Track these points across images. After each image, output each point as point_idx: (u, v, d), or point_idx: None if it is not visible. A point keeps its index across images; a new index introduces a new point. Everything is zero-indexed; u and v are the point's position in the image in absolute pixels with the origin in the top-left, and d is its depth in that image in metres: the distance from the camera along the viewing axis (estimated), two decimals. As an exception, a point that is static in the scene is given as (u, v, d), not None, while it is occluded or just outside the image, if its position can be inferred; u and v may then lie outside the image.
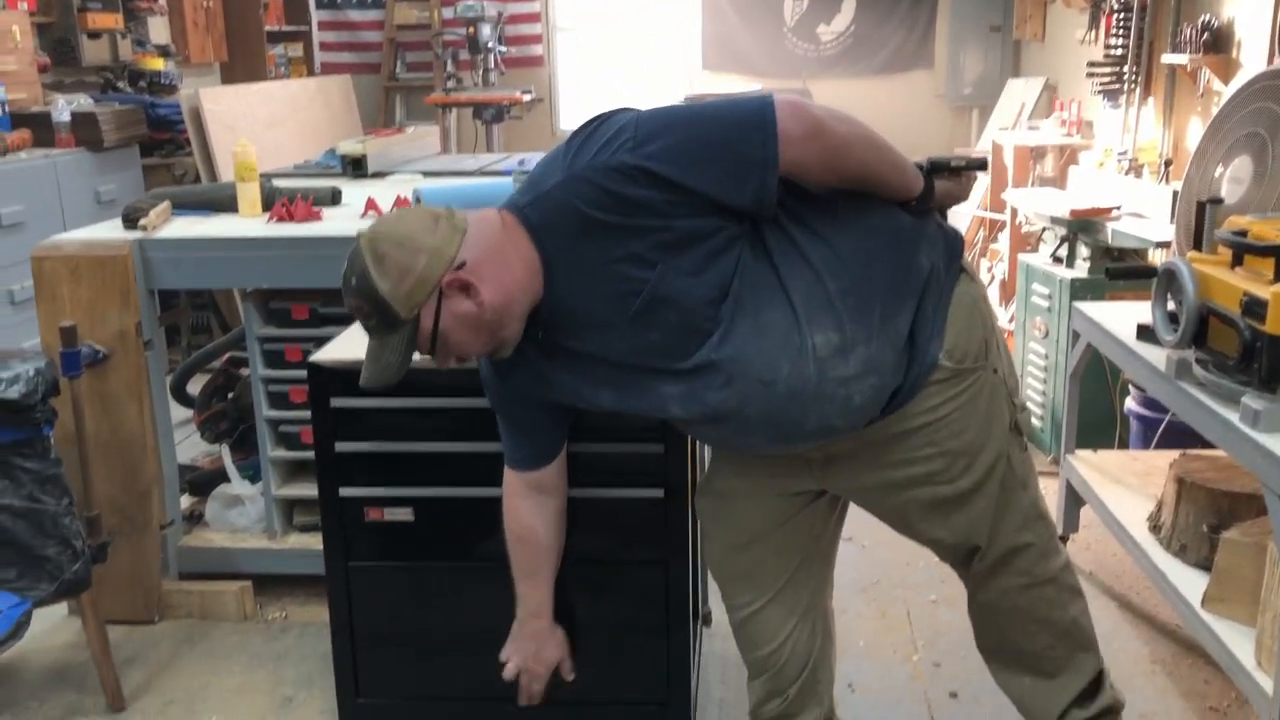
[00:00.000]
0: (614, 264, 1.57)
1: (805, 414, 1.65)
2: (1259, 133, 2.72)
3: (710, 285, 1.58)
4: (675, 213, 1.54)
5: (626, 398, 1.71)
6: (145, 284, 2.82)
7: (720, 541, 1.96)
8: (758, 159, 1.53)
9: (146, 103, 5.32)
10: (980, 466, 1.78)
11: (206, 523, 3.16)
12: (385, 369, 1.64)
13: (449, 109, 6.71)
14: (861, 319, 1.63)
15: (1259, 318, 2.04)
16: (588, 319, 1.63)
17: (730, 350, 1.61)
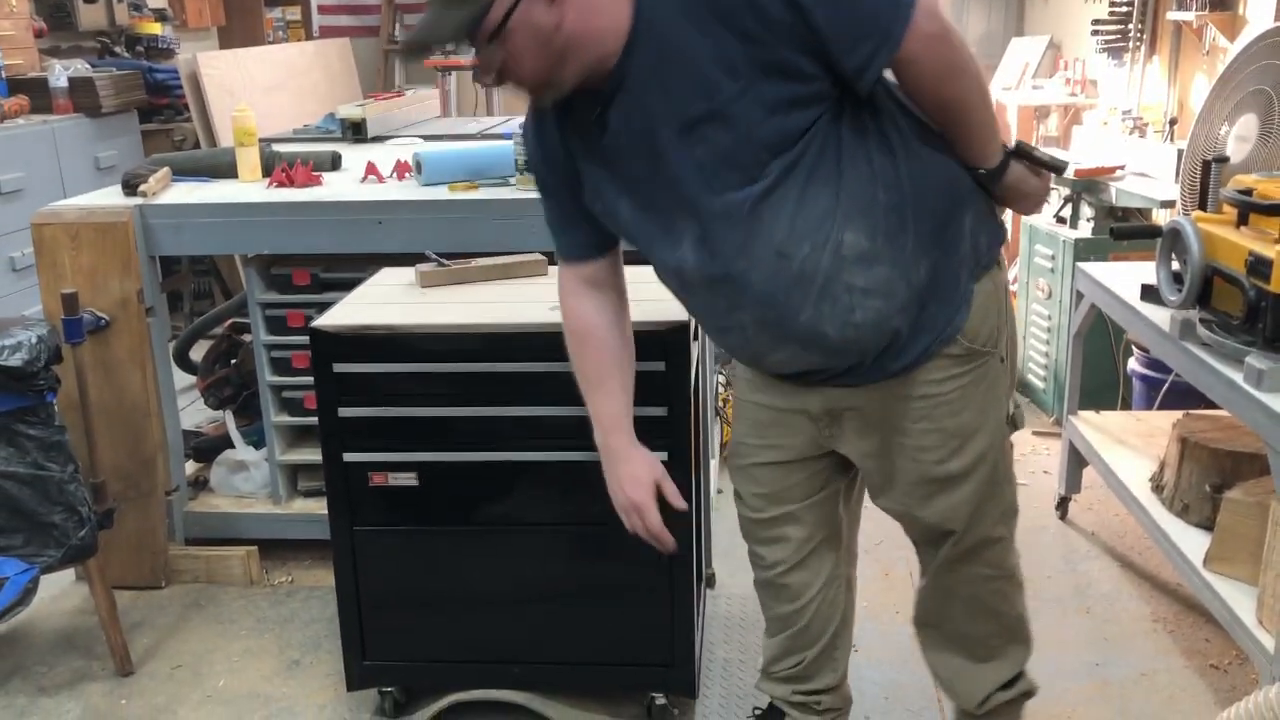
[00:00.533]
0: (701, 59, 1.49)
1: (803, 305, 1.60)
2: (1265, 90, 2.69)
3: (778, 131, 1.52)
4: (786, 38, 1.47)
5: (642, 217, 1.65)
6: (146, 250, 2.82)
7: (749, 507, 1.94)
8: (881, 30, 1.48)
9: (144, 68, 5.28)
10: (971, 452, 1.76)
11: (212, 488, 3.17)
12: (440, 29, 1.54)
13: (449, 72, 6.66)
14: (894, 240, 1.59)
15: (1264, 277, 2.03)
16: (646, 109, 1.55)
17: (765, 209, 1.55)
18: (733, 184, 1.55)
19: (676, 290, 1.76)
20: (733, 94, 1.49)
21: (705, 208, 1.58)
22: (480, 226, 2.72)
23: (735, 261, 1.59)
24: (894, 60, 1.51)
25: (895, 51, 1.49)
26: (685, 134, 1.54)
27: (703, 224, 1.59)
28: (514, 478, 2.14)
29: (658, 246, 1.67)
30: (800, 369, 1.73)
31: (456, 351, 2.09)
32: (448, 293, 2.30)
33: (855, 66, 1.50)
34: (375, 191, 2.88)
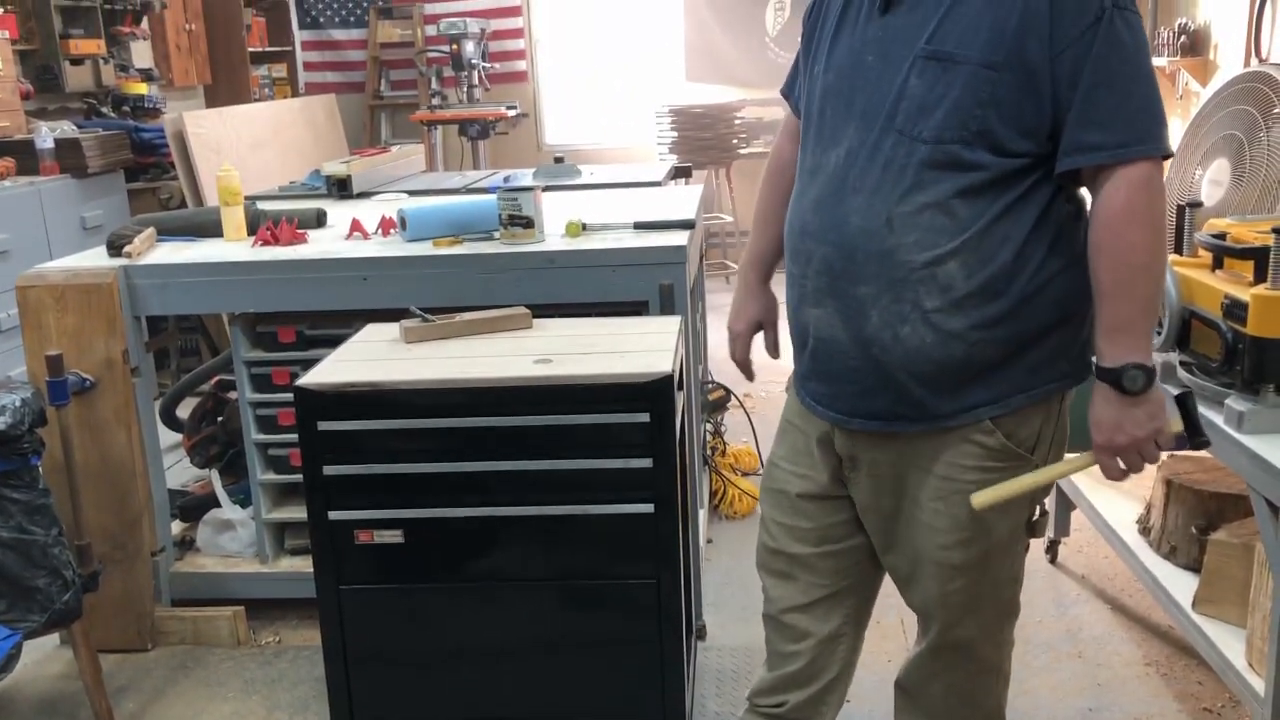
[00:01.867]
0: (994, 13, 1.48)
1: (870, 281, 1.57)
2: (1236, 135, 2.74)
3: (984, 126, 1.50)
4: (1055, 60, 1.47)
5: (833, 98, 1.63)
6: (131, 310, 2.82)
7: (768, 533, 1.89)
8: (1126, 132, 1.47)
9: (130, 127, 5.32)
10: (977, 548, 1.69)
11: (198, 548, 3.15)
12: None
13: (434, 126, 6.72)
14: (986, 301, 1.55)
15: (1240, 320, 2.05)
16: (922, 15, 1.54)
17: (911, 175, 1.53)
18: (914, 132, 1.53)
19: (797, 188, 1.73)
20: (982, 61, 1.48)
21: (876, 134, 1.57)
22: (465, 281, 2.74)
23: (855, 198, 1.58)
24: (1105, 175, 1.49)
25: (1122, 164, 1.48)
26: (925, 60, 1.53)
27: (862, 145, 1.58)
28: (501, 533, 2.14)
29: (818, 132, 1.67)
30: (823, 336, 1.67)
31: (441, 407, 2.09)
32: (432, 348, 2.31)
33: (1078, 143, 1.49)
34: (360, 248, 2.90)
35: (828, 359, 1.68)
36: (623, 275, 2.70)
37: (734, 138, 6.96)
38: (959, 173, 1.53)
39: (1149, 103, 1.49)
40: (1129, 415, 1.53)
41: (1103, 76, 1.46)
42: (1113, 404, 1.53)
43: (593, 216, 2.98)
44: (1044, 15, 1.47)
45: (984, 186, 1.53)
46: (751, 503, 3.65)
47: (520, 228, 2.81)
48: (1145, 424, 1.53)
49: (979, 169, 1.52)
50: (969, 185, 1.53)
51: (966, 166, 1.52)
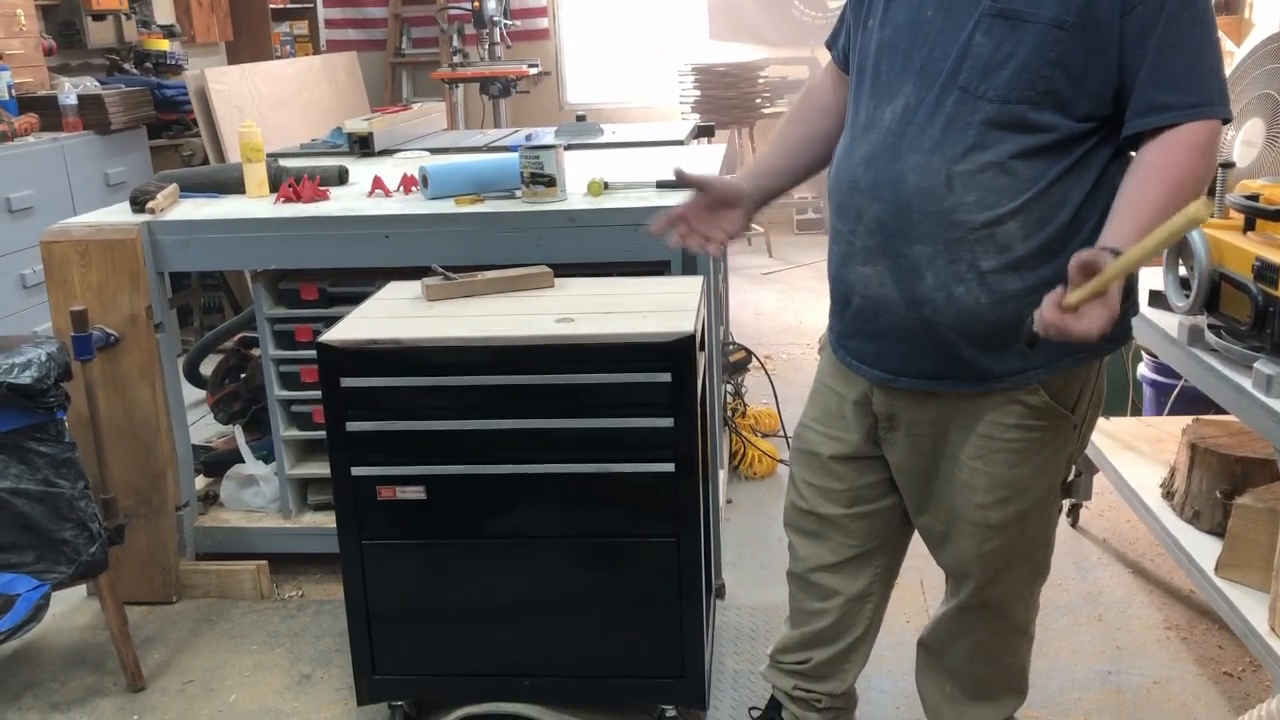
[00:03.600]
0: None
1: (925, 239, 1.55)
2: (1271, 94, 2.68)
3: (1055, 89, 1.49)
4: (1124, 19, 1.46)
5: (889, 52, 1.60)
6: (155, 266, 2.83)
7: (798, 493, 1.90)
8: (1194, 93, 1.46)
9: (153, 84, 5.31)
10: (1014, 508, 1.70)
11: (222, 503, 3.18)
12: None
13: (456, 84, 6.69)
14: (1040, 262, 1.53)
15: (1271, 282, 2.03)
16: None
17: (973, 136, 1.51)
18: (979, 91, 1.51)
19: (845, 143, 1.69)
20: (1052, 20, 1.46)
21: (937, 91, 1.54)
22: (486, 239, 2.73)
23: (912, 155, 1.56)
24: (1171, 133, 1.47)
25: (1189, 121, 1.46)
26: (992, 18, 1.50)
27: (921, 103, 1.56)
28: (522, 490, 2.15)
29: (872, 87, 1.63)
30: (870, 294, 1.64)
31: (463, 364, 2.09)
32: (454, 306, 2.31)
33: (1150, 102, 1.47)
34: (382, 206, 2.89)
35: (874, 318, 1.66)
36: (645, 234, 2.67)
37: (757, 97, 6.89)
38: (1023, 134, 1.51)
39: (1217, 65, 1.48)
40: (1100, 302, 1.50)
41: (1174, 36, 1.44)
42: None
43: (615, 175, 2.96)
44: None
45: (1046, 148, 1.52)
46: (771, 464, 3.65)
47: (542, 186, 2.80)
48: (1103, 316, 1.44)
49: (1043, 130, 1.51)
50: (1032, 146, 1.51)
51: (1031, 128, 1.51)
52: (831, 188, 1.73)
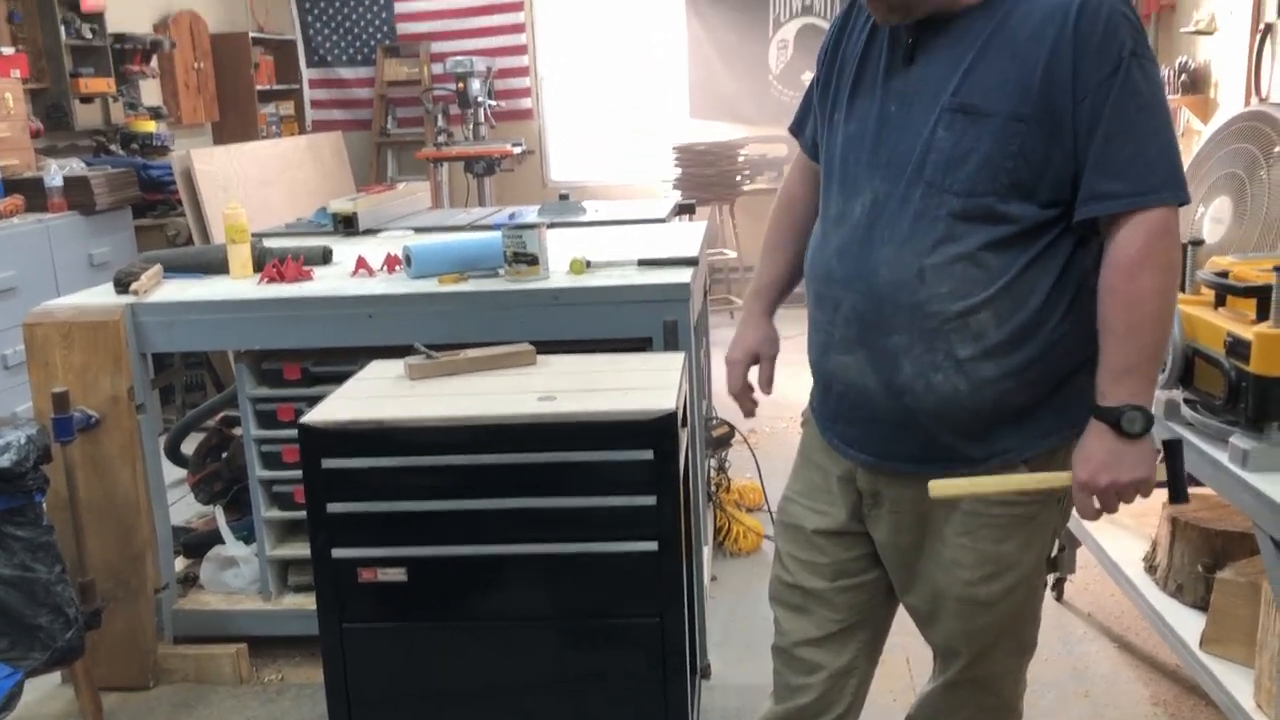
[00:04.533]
0: (1022, 65, 1.50)
1: (902, 330, 1.57)
2: (1237, 173, 2.75)
3: (1014, 178, 1.51)
4: (1076, 110, 1.49)
5: (854, 147, 1.64)
6: (137, 348, 2.83)
7: (783, 567, 1.88)
8: (1143, 181, 1.48)
9: (139, 165, 5.37)
10: (1002, 584, 1.69)
11: (201, 585, 3.14)
12: None
13: (440, 163, 6.77)
14: (1015, 348, 1.56)
15: (1243, 358, 2.05)
16: (949, 67, 1.55)
17: (942, 228, 1.54)
18: (945, 184, 1.54)
19: (819, 234, 1.74)
20: (1010, 113, 1.50)
21: (904, 185, 1.57)
22: (469, 318, 2.75)
23: (883, 248, 1.58)
24: (1121, 221, 1.50)
25: (1139, 210, 1.48)
26: (952, 113, 1.53)
27: (891, 196, 1.58)
28: (504, 571, 2.13)
29: (841, 181, 1.67)
30: (851, 382, 1.67)
31: (445, 444, 2.09)
32: (436, 385, 2.32)
33: (1095, 191, 1.50)
34: (365, 285, 2.92)
35: (857, 405, 1.69)
36: (626, 312, 2.71)
37: (737, 174, 7.00)
38: (990, 225, 1.54)
39: (1166, 151, 1.50)
40: (1119, 457, 1.52)
41: (1120, 125, 1.48)
42: (1106, 443, 1.53)
43: (597, 253, 3.00)
44: (1068, 65, 1.48)
45: (1014, 238, 1.54)
46: (756, 539, 3.64)
47: (525, 264, 2.83)
48: (1132, 469, 1.52)
49: (1010, 221, 1.53)
50: (1000, 237, 1.54)
51: (998, 218, 1.53)
52: (808, 276, 1.77)
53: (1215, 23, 3.90)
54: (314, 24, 7.85)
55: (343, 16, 7.82)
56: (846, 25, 1.75)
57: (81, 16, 5.43)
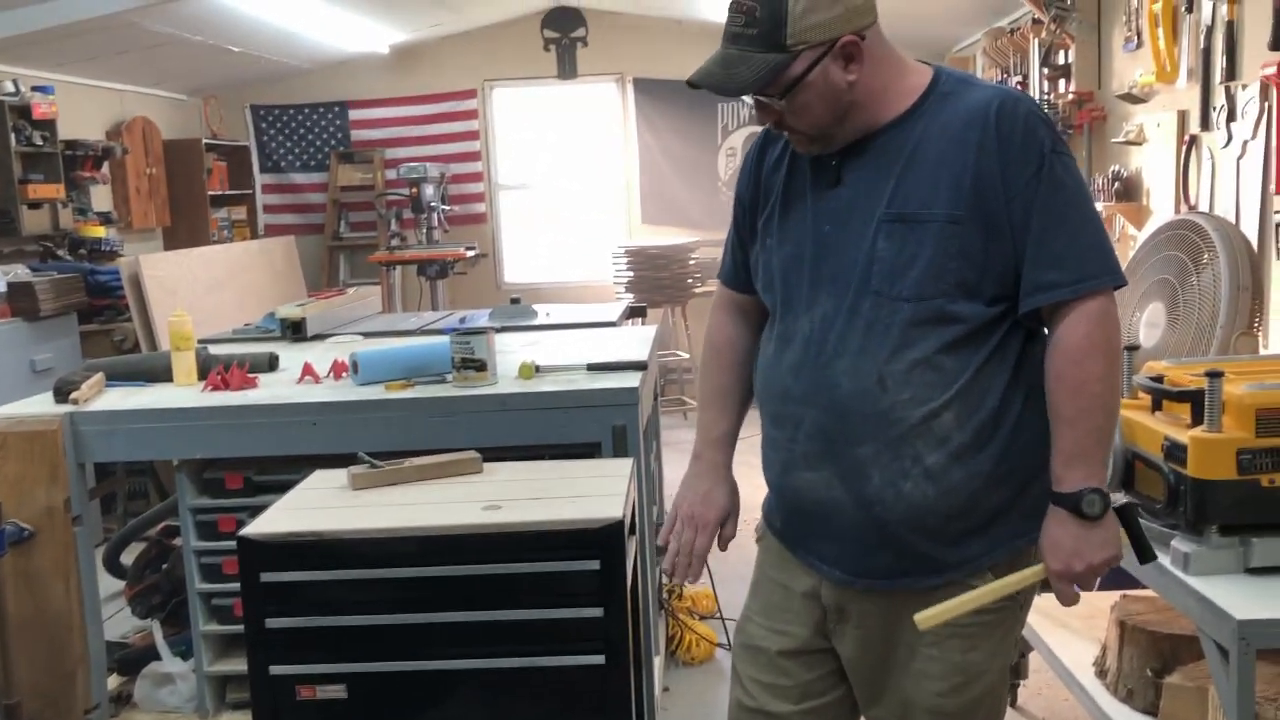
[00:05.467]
0: (949, 169, 1.55)
1: (869, 440, 1.58)
2: (1169, 279, 2.83)
3: (960, 278, 1.55)
4: (1008, 208, 1.53)
5: (795, 269, 1.65)
6: (76, 458, 2.78)
7: (745, 691, 1.83)
8: (1079, 270, 1.53)
9: (86, 270, 5.34)
10: (970, 694, 1.68)
11: (135, 704, 3.04)
12: (732, 79, 1.53)
13: (393, 266, 6.80)
14: (980, 449, 1.59)
15: (1181, 462, 2.08)
16: (876, 182, 1.59)
17: (897, 335, 1.56)
18: (892, 292, 1.57)
19: (768, 356, 1.73)
20: (946, 216, 1.54)
21: (852, 297, 1.59)
22: (416, 425, 2.73)
23: (840, 360, 1.60)
24: (1064, 309, 1.55)
25: (1079, 298, 1.53)
26: (886, 223, 1.57)
27: (838, 310, 1.60)
28: (447, 687, 2.08)
29: (784, 307, 1.68)
30: (818, 499, 1.66)
31: (387, 556, 2.05)
32: (380, 494, 2.28)
33: (1036, 282, 1.55)
34: (310, 392, 2.89)
35: (826, 520, 1.68)
36: (575, 417, 2.71)
37: (689, 277, 7.10)
38: (943, 326, 1.57)
39: (1097, 238, 1.56)
40: (1086, 540, 1.55)
41: (1051, 219, 1.53)
42: (1070, 529, 1.55)
43: (546, 358, 3.01)
44: (995, 167, 1.54)
45: (967, 338, 1.57)
46: (709, 648, 3.59)
47: (473, 370, 2.82)
48: (1101, 549, 1.56)
49: (960, 321, 1.57)
50: (954, 338, 1.57)
51: (949, 320, 1.57)
52: (762, 398, 1.76)
53: (1144, 134, 4.05)
54: (268, 131, 7.92)
55: (296, 124, 7.91)
56: (763, 154, 1.78)
57: (32, 124, 5.44)
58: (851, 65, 1.55)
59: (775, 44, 1.51)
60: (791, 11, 1.49)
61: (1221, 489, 2.03)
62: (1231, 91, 3.37)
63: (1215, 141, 3.49)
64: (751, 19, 1.52)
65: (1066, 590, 1.59)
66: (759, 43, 1.52)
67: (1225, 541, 2.06)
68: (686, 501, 1.82)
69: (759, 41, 1.52)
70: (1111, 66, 4.42)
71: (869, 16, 1.56)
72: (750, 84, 1.54)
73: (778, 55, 1.51)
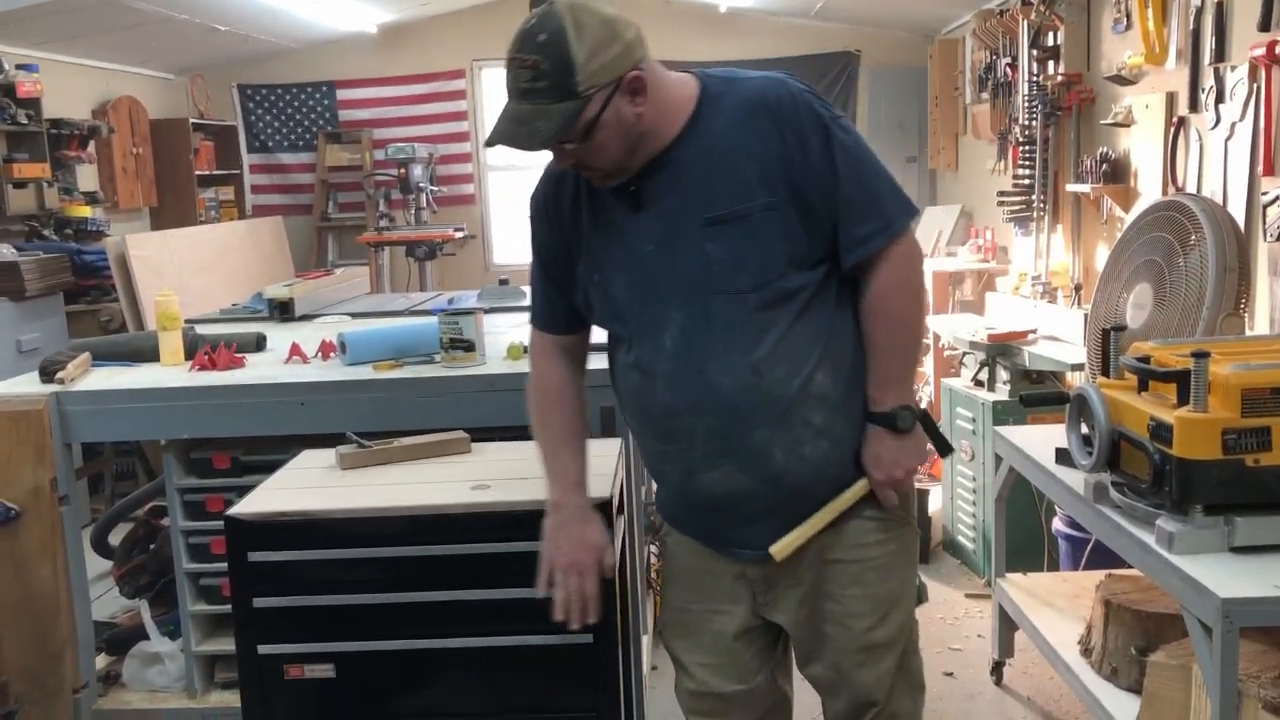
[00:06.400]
0: (745, 162, 1.64)
1: (761, 424, 1.68)
2: (1156, 260, 2.83)
3: (792, 254, 1.65)
4: (814, 181, 1.64)
5: (634, 296, 1.72)
6: (62, 437, 2.77)
7: (692, 678, 1.91)
8: (886, 218, 1.68)
9: (72, 250, 5.30)
10: (894, 621, 1.82)
11: (124, 683, 3.04)
12: (534, 134, 1.57)
13: (381, 247, 6.77)
14: (852, 395, 1.73)
15: (1166, 441, 2.09)
16: (681, 195, 1.66)
17: (756, 322, 1.66)
18: (737, 286, 1.65)
19: (635, 382, 1.77)
20: (763, 204, 1.63)
21: (702, 302, 1.67)
22: (403, 405, 2.73)
23: (711, 362, 1.68)
24: (876, 254, 1.68)
25: (889, 243, 1.68)
26: (708, 226, 1.65)
27: (692, 318, 1.68)
28: (435, 666, 2.08)
29: (638, 330, 1.74)
30: (726, 491, 1.74)
31: (374, 536, 2.05)
32: (368, 474, 2.28)
33: (853, 238, 1.68)
34: (299, 372, 2.89)
35: (735, 510, 1.77)
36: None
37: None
38: (789, 302, 1.68)
39: (887, 181, 1.71)
40: (903, 450, 1.74)
41: (850, 178, 1.66)
42: (887, 443, 1.74)
43: (534, 340, 2.99)
44: (790, 149, 1.64)
45: (810, 303, 1.69)
46: (697, 626, 3.59)
47: (461, 351, 2.82)
48: (916, 455, 1.77)
49: (801, 290, 1.68)
50: (800, 308, 1.68)
51: (792, 294, 1.67)
52: (641, 421, 1.81)
53: (1132, 115, 4.05)
54: (255, 110, 7.87)
55: (284, 104, 7.86)
56: (556, 203, 1.81)
57: (17, 102, 5.39)
58: (638, 98, 1.61)
59: (568, 92, 1.56)
60: (577, 58, 1.55)
61: (1207, 469, 2.05)
62: (1220, 73, 3.36)
63: (1204, 123, 3.49)
64: (539, 73, 1.56)
65: (890, 494, 1.77)
66: (551, 94, 1.56)
67: (1210, 521, 2.08)
68: (562, 551, 1.81)
69: (551, 93, 1.56)
70: (1100, 48, 4.41)
71: (643, 48, 1.62)
72: (553, 135, 1.58)
73: (572, 103, 1.56)
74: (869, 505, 1.77)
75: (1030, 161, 4.92)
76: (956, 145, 6.68)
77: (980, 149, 6.02)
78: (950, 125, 6.66)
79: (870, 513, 1.78)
